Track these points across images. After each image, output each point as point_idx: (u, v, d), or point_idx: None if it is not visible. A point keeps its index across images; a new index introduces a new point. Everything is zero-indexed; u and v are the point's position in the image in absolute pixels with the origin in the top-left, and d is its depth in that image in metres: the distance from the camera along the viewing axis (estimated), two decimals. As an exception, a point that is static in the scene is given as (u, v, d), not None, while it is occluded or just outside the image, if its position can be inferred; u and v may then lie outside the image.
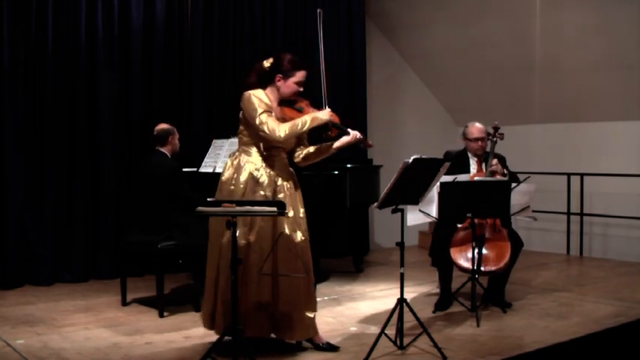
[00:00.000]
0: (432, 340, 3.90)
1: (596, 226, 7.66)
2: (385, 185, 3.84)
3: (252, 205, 3.57)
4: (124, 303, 5.19)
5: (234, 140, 5.87)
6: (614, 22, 6.76)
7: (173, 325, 4.62)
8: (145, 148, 6.15)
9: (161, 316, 4.85)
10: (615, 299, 5.32)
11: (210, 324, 3.99)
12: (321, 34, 4.24)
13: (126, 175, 6.28)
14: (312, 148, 4.11)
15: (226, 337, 3.72)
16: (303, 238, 3.91)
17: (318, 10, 4.31)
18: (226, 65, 6.90)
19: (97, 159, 6.19)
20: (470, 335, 4.35)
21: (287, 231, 3.85)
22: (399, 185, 3.78)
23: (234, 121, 6.69)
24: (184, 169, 5.49)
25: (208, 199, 4.42)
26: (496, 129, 5.04)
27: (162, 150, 5.25)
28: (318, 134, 3.98)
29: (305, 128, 3.84)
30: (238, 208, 3.48)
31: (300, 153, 4.12)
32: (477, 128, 5.10)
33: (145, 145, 6.14)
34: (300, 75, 3.93)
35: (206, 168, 5.90)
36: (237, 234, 3.70)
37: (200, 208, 3.53)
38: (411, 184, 3.87)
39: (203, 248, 4.97)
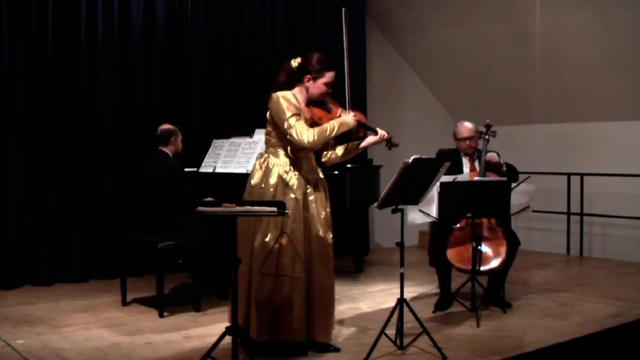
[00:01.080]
0: (432, 340, 3.90)
1: (596, 226, 7.66)
2: (385, 185, 3.84)
3: (252, 205, 3.57)
4: (124, 303, 5.19)
5: (234, 140, 5.90)
6: (614, 22, 6.76)
7: (173, 325, 4.62)
8: (145, 148, 6.15)
9: (161, 316, 4.84)
10: (615, 299, 5.32)
11: (243, 322, 3.90)
12: (345, 34, 4.19)
13: (126, 175, 6.28)
14: (339, 149, 4.11)
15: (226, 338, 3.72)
16: (332, 237, 3.95)
17: (343, 9, 4.26)
18: (226, 65, 6.90)
19: (97, 159, 6.18)
20: (470, 335, 4.35)
21: (321, 233, 3.87)
22: (399, 185, 3.78)
23: (234, 122, 6.77)
24: (185, 169, 5.49)
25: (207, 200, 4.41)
26: (488, 127, 5.05)
27: (164, 150, 5.26)
28: (345, 134, 3.95)
29: (333, 134, 3.83)
30: (238, 208, 3.48)
31: (327, 153, 4.12)
32: (465, 128, 5.11)
33: (145, 145, 6.14)
34: (329, 76, 3.91)
35: (206, 168, 5.90)
36: (267, 237, 3.74)
37: (200, 208, 3.53)
38: (411, 184, 3.87)
39: (203, 248, 5.01)
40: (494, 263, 4.74)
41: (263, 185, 3.85)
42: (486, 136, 5.04)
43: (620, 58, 6.93)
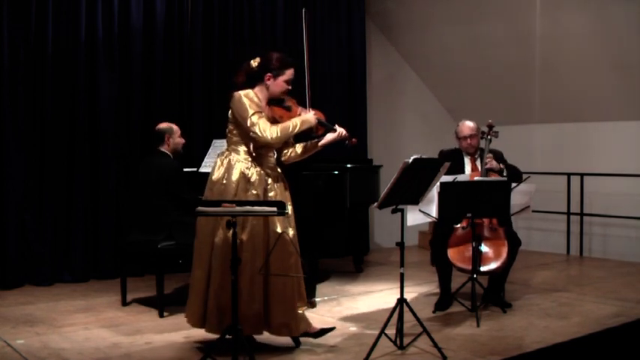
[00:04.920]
0: (432, 340, 3.90)
1: (596, 226, 7.66)
2: (385, 185, 3.85)
3: (252, 205, 3.58)
4: (124, 303, 5.19)
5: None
6: (614, 22, 6.76)
7: (173, 325, 4.62)
8: (145, 148, 6.15)
9: (161, 316, 4.85)
10: (615, 299, 5.32)
11: (200, 323, 3.95)
12: (305, 35, 4.30)
13: (126, 175, 6.28)
14: (298, 147, 4.17)
15: (226, 337, 3.72)
16: (293, 233, 3.96)
17: (303, 10, 4.38)
18: (226, 65, 6.89)
19: (97, 159, 6.19)
20: (470, 335, 4.35)
21: (279, 229, 3.87)
22: (399, 185, 3.78)
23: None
24: (184, 169, 5.49)
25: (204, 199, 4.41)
26: (490, 127, 5.05)
27: (163, 149, 5.25)
28: (306, 132, 4.02)
29: (296, 131, 3.91)
30: (238, 208, 3.48)
31: (287, 152, 4.17)
32: (466, 126, 5.11)
33: (145, 145, 6.14)
34: (289, 73, 3.98)
35: (206, 168, 5.88)
36: (230, 233, 3.72)
37: (200, 208, 3.53)
38: (411, 184, 3.88)
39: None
40: (495, 264, 4.74)
41: (225, 181, 3.89)
42: (488, 137, 5.04)
43: (620, 58, 6.93)
